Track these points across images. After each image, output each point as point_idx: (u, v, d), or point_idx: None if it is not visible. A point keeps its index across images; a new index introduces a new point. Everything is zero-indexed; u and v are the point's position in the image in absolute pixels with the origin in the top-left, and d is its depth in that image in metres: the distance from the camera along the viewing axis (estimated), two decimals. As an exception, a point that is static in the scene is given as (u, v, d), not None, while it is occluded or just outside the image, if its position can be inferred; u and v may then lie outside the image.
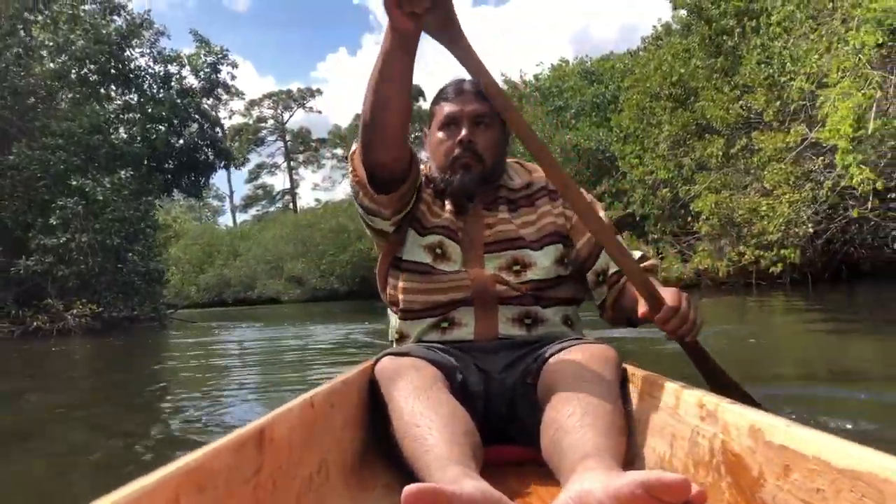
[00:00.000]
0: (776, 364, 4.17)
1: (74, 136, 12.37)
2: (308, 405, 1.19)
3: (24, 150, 11.87)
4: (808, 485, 0.85)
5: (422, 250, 1.76)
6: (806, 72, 11.23)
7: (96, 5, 14.90)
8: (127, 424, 3.22)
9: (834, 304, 9.67)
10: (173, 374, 5.82)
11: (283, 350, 7.43)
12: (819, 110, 10.59)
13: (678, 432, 1.28)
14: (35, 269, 11.59)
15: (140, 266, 13.37)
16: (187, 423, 3.15)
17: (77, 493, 2.14)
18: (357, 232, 41.39)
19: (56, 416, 3.67)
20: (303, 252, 44.51)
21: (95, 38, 13.86)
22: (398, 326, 1.83)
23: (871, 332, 5.91)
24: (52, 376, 6.10)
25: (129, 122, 15.24)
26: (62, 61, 13.72)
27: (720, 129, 15.44)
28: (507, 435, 1.59)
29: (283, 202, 70.44)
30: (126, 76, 14.73)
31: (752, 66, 14.72)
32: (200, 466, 0.77)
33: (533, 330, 1.73)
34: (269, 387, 4.52)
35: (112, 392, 4.75)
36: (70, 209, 11.59)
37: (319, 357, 6.20)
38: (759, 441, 0.98)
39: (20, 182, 12.04)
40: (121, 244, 12.50)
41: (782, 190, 12.82)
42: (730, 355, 4.08)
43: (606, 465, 1.06)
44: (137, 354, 8.61)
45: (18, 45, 12.85)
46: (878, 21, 9.22)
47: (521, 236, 1.77)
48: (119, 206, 12.37)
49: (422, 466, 1.17)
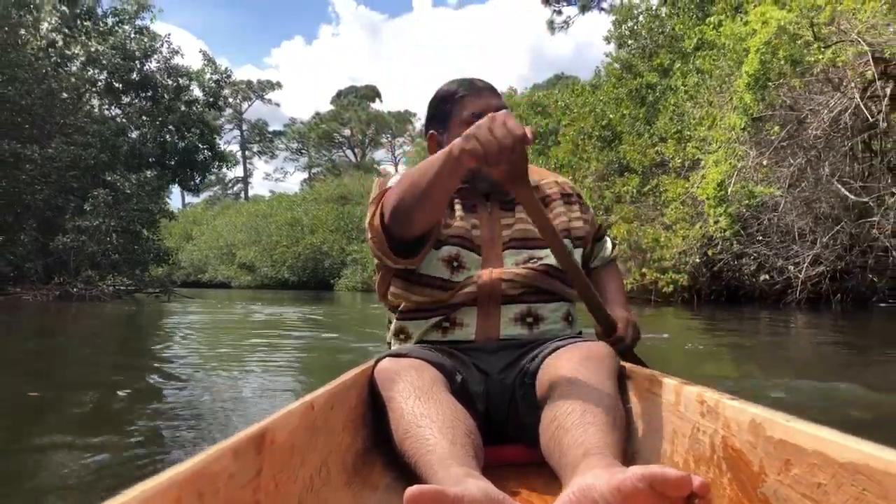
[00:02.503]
0: (660, 353, 5.42)
1: (104, 136, 14.88)
2: (308, 407, 1.17)
3: (62, 144, 14.27)
4: (809, 479, 0.85)
5: (439, 263, 1.73)
6: (697, 136, 14.46)
7: (127, 26, 17.34)
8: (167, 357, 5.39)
9: (707, 318, 12.04)
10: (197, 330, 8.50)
11: (265, 318, 10.17)
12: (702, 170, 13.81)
13: (679, 429, 1.28)
14: (71, 246, 13.99)
15: (154, 247, 16.04)
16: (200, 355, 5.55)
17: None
18: (310, 226, 43.27)
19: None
20: (255, 241, 45.90)
21: (123, 54, 16.36)
22: (398, 326, 1.80)
23: (727, 339, 7.40)
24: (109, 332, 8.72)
25: (144, 125, 17.72)
26: (92, 72, 16.18)
27: (637, 170, 18.54)
28: (508, 435, 1.57)
29: (234, 190, 71.93)
30: (145, 86, 17.20)
31: (665, 120, 17.93)
32: (201, 470, 0.77)
33: (534, 328, 1.72)
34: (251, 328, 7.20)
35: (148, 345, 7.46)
36: (102, 198, 14.10)
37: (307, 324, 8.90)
38: (759, 436, 0.98)
39: (54, 170, 14.38)
40: (140, 230, 15.10)
41: (679, 226, 15.88)
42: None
43: (608, 461, 1.06)
44: (164, 314, 11.23)
45: (58, 55, 15.28)
46: (744, 109, 12.42)
47: (539, 236, 1.73)
48: (143, 199, 14.97)
49: (424, 467, 1.16)
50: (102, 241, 14.29)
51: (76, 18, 15.79)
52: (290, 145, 70.82)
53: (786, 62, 11.04)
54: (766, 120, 12.50)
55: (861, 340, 7.42)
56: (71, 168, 14.54)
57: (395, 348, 1.72)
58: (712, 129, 13.86)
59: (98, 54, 16.17)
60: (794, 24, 11.21)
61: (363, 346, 5.91)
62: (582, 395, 1.29)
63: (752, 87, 11.68)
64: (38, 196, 14.34)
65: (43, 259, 14.32)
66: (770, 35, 11.15)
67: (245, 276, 46.04)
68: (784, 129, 12.30)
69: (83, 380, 4.06)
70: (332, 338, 7.24)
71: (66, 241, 14.11)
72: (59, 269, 14.39)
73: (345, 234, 40.56)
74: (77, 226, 14.16)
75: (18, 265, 14.20)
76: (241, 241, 47.12)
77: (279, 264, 43.78)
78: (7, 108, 14.20)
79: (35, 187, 14.30)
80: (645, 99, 20.00)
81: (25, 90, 14.28)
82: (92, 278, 14.03)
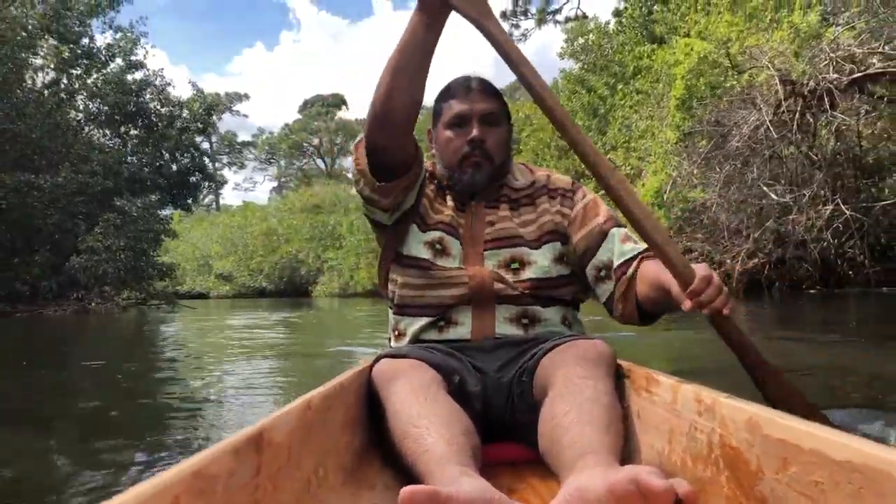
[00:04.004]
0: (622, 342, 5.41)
1: (107, 164, 16.52)
2: (306, 407, 1.18)
3: (70, 173, 15.83)
4: (806, 478, 0.85)
5: (422, 246, 1.76)
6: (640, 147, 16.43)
7: (120, 60, 19.00)
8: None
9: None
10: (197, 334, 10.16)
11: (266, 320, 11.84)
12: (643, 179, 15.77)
13: (676, 427, 1.28)
14: (85, 265, 15.54)
15: (158, 264, 17.74)
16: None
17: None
18: (285, 236, 44.42)
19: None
20: (231, 251, 46.80)
21: (121, 89, 17.98)
22: (395, 324, 1.83)
23: (675, 326, 7.49)
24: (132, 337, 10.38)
25: (141, 152, 19.34)
26: (94, 106, 17.83)
27: (591, 176, 20.41)
28: (505, 433, 1.56)
29: (205, 202, 72.61)
30: (141, 117, 18.84)
31: (615, 131, 19.88)
32: (200, 470, 0.78)
33: (530, 329, 1.72)
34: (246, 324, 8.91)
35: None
36: (112, 221, 15.70)
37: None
38: (756, 435, 0.98)
39: (63, 197, 15.90)
40: (146, 248, 16.79)
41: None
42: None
43: (605, 461, 1.07)
44: (168, 322, 12.83)
45: (64, 91, 16.87)
46: (676, 126, 14.35)
47: (520, 234, 1.76)
48: (148, 220, 16.63)
49: (421, 467, 1.17)
50: (113, 259, 15.88)
51: (77, 58, 17.38)
52: (259, 156, 71.78)
53: (705, 87, 13.00)
54: (696, 134, 14.43)
55: (785, 322, 8.53)
56: (78, 194, 16.13)
57: (393, 348, 1.76)
58: (652, 142, 15.81)
59: (99, 91, 17.75)
60: (713, 54, 13.17)
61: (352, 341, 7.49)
62: (579, 393, 1.30)
63: (681, 108, 13.62)
64: (49, 220, 15.86)
65: (56, 278, 15.84)
66: (692, 64, 13.10)
67: (222, 286, 46.82)
68: (711, 142, 14.24)
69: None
70: (329, 336, 8.86)
71: (81, 260, 15.67)
72: (71, 287, 15.95)
73: (320, 243, 41.70)
74: (90, 246, 15.74)
75: (34, 284, 15.70)
76: (217, 252, 47.93)
77: (256, 273, 44.76)
78: (19, 142, 15.72)
79: (46, 213, 15.80)
80: (597, 111, 21.93)
81: (34, 124, 15.80)
82: (107, 293, 15.60)
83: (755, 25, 13.59)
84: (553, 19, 35.38)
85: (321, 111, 69.08)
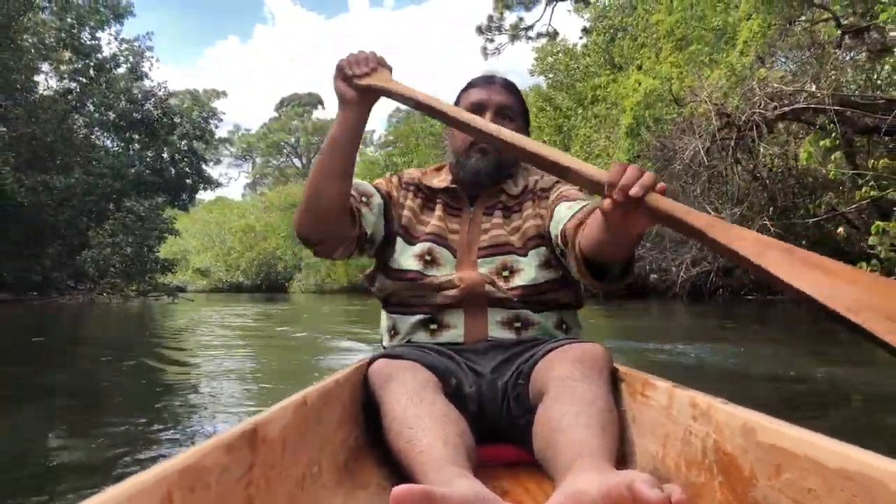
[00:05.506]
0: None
1: (115, 167, 18.19)
2: (301, 403, 1.17)
3: (81, 175, 17.45)
4: (799, 484, 0.85)
5: (412, 259, 1.75)
6: (597, 165, 18.32)
7: (124, 68, 20.65)
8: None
9: (619, 310, 14.17)
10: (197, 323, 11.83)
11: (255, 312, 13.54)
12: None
13: (671, 432, 1.28)
14: (96, 258, 17.14)
15: (161, 259, 19.45)
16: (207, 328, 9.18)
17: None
18: (263, 233, 45.32)
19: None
20: (209, 246, 47.73)
21: (128, 98, 19.66)
22: (388, 323, 1.83)
23: (631, 321, 9.30)
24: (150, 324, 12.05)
25: (144, 156, 21.03)
26: (103, 114, 19.50)
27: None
28: (501, 435, 1.55)
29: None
30: (145, 124, 20.52)
31: (577, 146, 21.78)
32: (193, 465, 0.77)
33: (523, 333, 1.71)
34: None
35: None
36: (121, 220, 17.37)
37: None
38: (750, 440, 0.98)
39: (73, 196, 17.51)
40: (151, 245, 18.51)
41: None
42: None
43: (599, 464, 1.07)
44: (170, 311, 14.46)
45: (76, 99, 18.52)
46: (627, 149, 16.32)
47: (510, 242, 1.76)
48: (153, 220, 18.33)
49: (416, 467, 1.17)
50: (120, 254, 17.52)
51: (88, 69, 18.96)
52: (235, 152, 72.21)
53: (650, 118, 14.99)
54: (644, 157, 16.36)
55: (722, 323, 9.95)
56: (88, 194, 17.75)
57: (389, 348, 1.75)
58: (608, 160, 17.75)
59: (108, 100, 19.38)
60: (658, 90, 15.19)
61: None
62: (575, 396, 1.29)
63: (629, 135, 15.60)
64: (60, 217, 17.46)
65: (66, 269, 17.46)
66: (640, 97, 15.09)
67: (200, 280, 47.45)
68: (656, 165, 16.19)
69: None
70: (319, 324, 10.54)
71: (92, 254, 17.28)
72: (80, 278, 17.60)
73: (297, 241, 42.37)
74: (100, 242, 17.38)
75: (46, 275, 17.29)
76: (195, 247, 48.58)
77: (234, 269, 45.55)
78: (33, 145, 17.26)
79: (58, 210, 17.41)
80: (562, 127, 23.83)
81: (48, 129, 17.36)
82: (117, 284, 17.26)
83: (696, 66, 15.65)
84: (526, 35, 37.36)
85: (298, 111, 69.61)
